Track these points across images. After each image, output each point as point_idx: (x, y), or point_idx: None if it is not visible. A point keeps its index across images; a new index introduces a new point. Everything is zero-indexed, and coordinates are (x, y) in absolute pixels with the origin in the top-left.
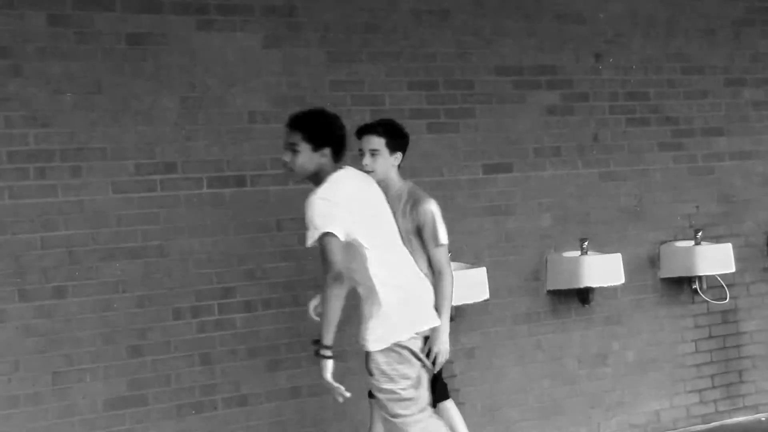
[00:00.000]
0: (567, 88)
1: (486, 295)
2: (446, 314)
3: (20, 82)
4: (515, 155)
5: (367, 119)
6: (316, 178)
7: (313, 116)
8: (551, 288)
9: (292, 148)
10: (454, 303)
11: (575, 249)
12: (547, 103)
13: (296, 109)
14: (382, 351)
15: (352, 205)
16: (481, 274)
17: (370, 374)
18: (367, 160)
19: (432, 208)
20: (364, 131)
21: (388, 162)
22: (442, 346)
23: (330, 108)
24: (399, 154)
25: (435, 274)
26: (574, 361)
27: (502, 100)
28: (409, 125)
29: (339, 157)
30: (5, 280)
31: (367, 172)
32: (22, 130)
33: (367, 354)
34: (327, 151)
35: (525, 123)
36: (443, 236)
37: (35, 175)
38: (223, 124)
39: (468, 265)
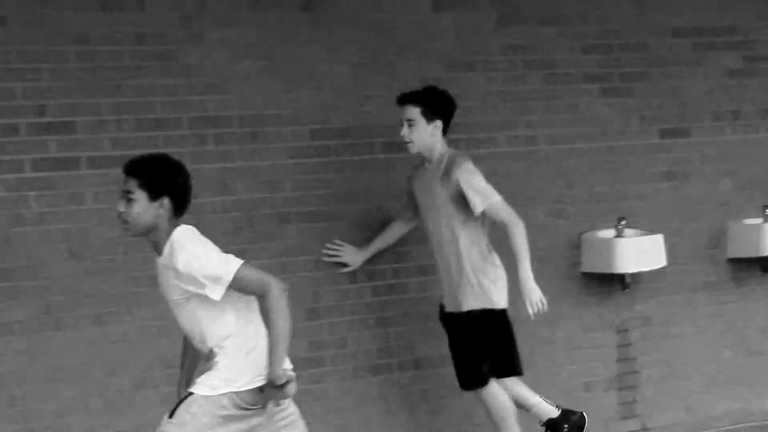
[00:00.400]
0: (748, 49)
1: (663, 263)
2: (527, 266)
3: (202, 50)
4: (693, 119)
5: (539, 84)
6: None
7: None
8: (732, 256)
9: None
10: (630, 270)
11: (756, 216)
12: (726, 65)
13: (468, 74)
14: None
15: None
16: (657, 241)
17: None
18: (403, 130)
19: (469, 170)
20: (399, 100)
21: (425, 131)
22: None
23: (500, 72)
24: (438, 122)
25: (502, 228)
26: (757, 332)
27: (679, 62)
28: (582, 89)
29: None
30: None
31: (405, 143)
32: (202, 97)
33: None
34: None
35: (703, 86)
36: (491, 191)
37: (214, 141)
38: (396, 90)
39: (644, 232)
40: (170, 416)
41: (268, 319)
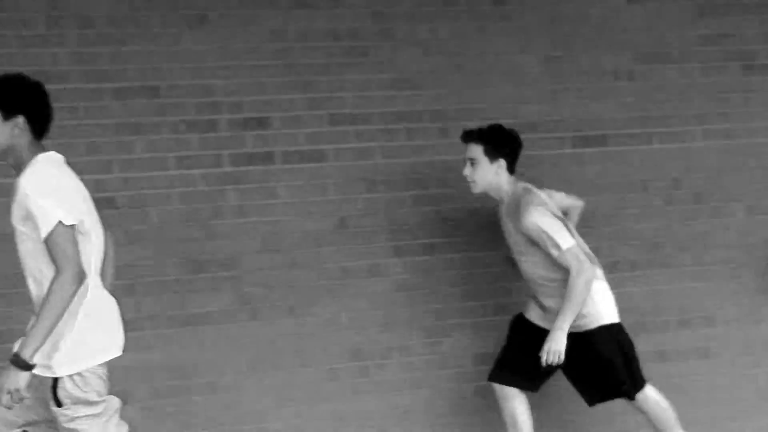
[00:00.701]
0: None
1: None
2: (566, 321)
3: (393, 46)
4: None
5: (737, 76)
6: None
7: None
8: None
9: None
10: None
11: None
12: None
13: (662, 66)
14: None
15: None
16: None
17: None
18: (466, 170)
19: (533, 218)
20: (462, 138)
21: (489, 171)
22: (554, 346)
23: (697, 64)
24: (502, 161)
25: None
26: None
27: None
28: None
29: None
30: (380, 236)
31: (469, 183)
32: (393, 92)
33: None
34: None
35: None
36: (563, 241)
37: (405, 136)
38: (587, 83)
39: None
40: None
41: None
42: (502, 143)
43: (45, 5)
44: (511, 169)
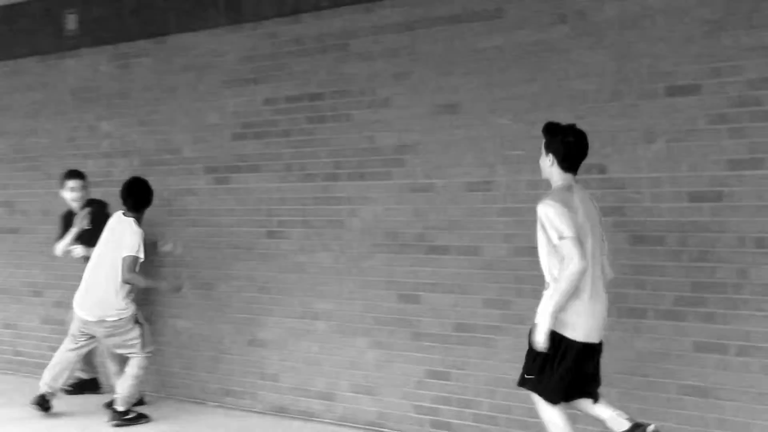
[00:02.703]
0: None
1: None
2: (548, 306)
3: None
4: None
5: None
6: None
7: None
8: None
9: None
10: None
11: None
12: None
13: None
14: None
15: None
16: None
17: None
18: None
19: (542, 208)
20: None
21: (545, 162)
22: (536, 337)
23: None
24: (551, 156)
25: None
26: None
27: None
28: None
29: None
30: None
31: None
32: None
33: None
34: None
35: None
36: (563, 230)
37: None
38: None
39: None
40: None
41: None
42: (550, 141)
43: None
44: (563, 165)
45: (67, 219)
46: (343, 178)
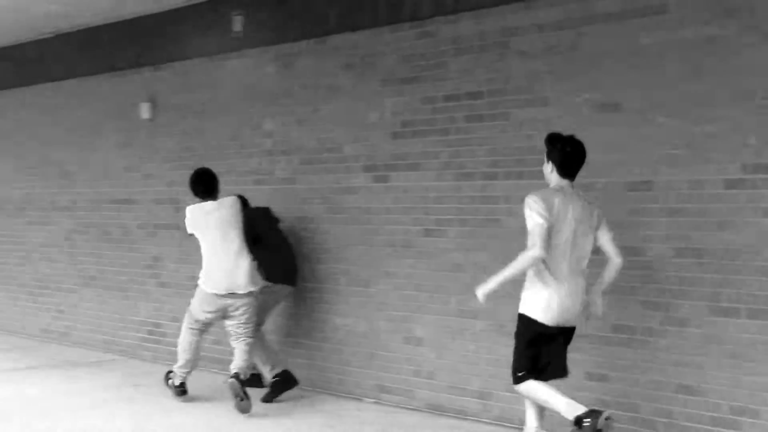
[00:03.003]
0: None
1: None
2: (500, 274)
3: None
4: None
5: None
6: None
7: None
8: None
9: None
10: None
11: None
12: None
13: None
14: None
15: None
16: None
17: None
18: None
19: (525, 200)
20: None
21: (546, 169)
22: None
23: None
24: (549, 163)
25: None
26: None
27: None
28: None
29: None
30: None
31: None
32: None
33: None
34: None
35: None
36: (530, 222)
37: None
38: None
39: None
40: None
41: None
42: (549, 150)
43: None
44: (560, 172)
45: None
46: (501, 177)
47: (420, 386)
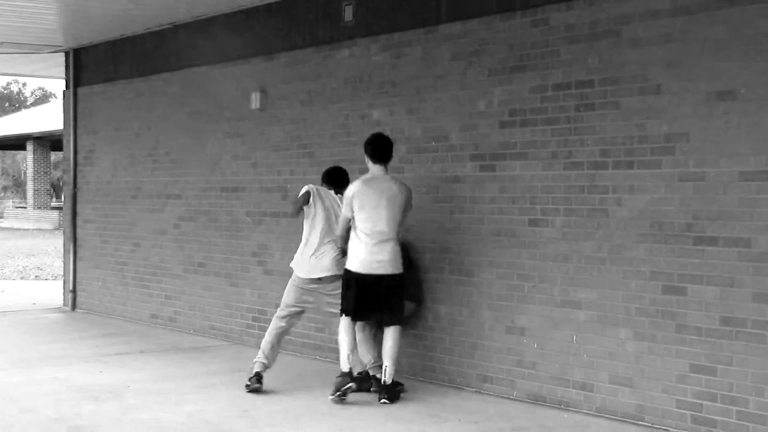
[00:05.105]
0: None
1: None
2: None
3: None
4: None
5: None
6: None
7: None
8: None
9: None
10: None
11: None
12: None
13: None
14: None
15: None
16: None
17: None
18: None
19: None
20: None
21: (366, 160)
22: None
23: None
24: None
25: None
26: None
27: None
28: None
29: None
30: None
31: None
32: None
33: None
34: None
35: None
36: (341, 211)
37: None
38: None
39: None
40: None
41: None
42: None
43: None
44: (373, 160)
45: None
46: (610, 167)
47: (522, 376)
